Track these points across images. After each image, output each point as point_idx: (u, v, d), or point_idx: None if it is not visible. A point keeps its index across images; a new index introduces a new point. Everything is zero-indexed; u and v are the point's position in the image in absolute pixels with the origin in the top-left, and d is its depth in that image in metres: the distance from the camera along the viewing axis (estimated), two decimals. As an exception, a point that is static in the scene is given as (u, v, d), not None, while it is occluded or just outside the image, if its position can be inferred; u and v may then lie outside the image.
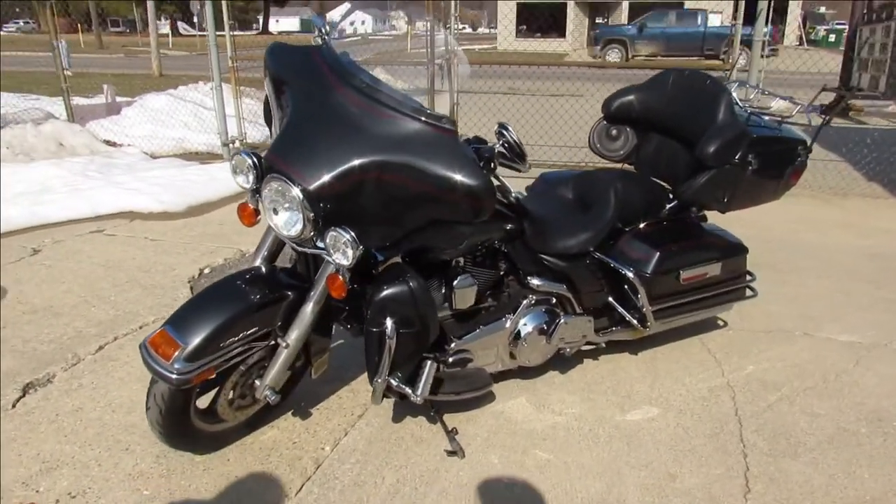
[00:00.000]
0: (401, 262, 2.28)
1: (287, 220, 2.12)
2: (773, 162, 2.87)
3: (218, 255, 4.44)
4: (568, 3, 31.05)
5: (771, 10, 5.66)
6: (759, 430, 2.63)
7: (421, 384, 2.31)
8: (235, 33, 7.32)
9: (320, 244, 2.12)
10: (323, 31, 2.36)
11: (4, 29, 53.74)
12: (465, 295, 2.50)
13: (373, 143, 2.05)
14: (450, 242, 2.29)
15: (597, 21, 32.37)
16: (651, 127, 3.15)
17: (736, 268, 3.03)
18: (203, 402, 2.39)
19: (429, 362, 2.33)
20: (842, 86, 9.81)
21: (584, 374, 3.02)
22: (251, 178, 2.21)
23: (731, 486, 2.32)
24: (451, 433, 2.53)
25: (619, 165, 3.29)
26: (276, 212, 2.14)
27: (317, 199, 2.04)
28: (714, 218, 3.16)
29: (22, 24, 56.45)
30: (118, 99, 9.57)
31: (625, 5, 30.55)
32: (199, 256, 4.44)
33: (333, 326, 2.55)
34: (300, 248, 2.24)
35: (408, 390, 2.31)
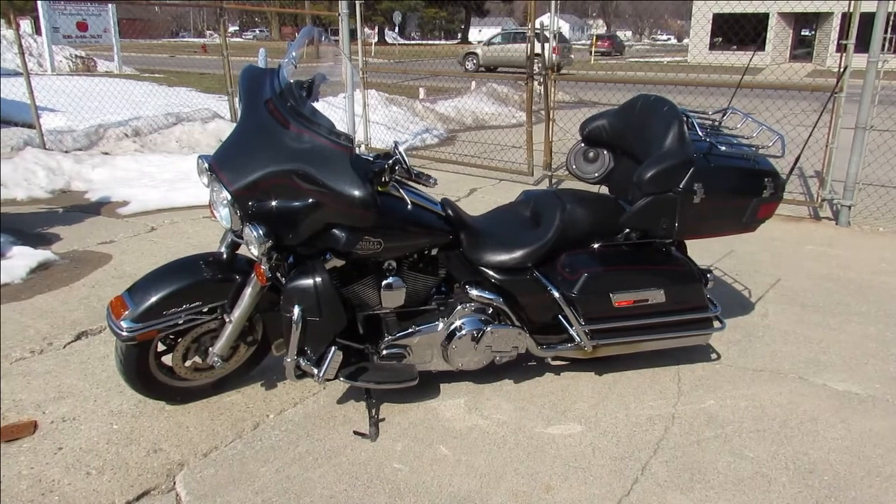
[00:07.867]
0: (315, 260, 2.60)
1: (225, 216, 2.55)
2: (727, 192, 2.78)
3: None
4: (770, 13, 28.83)
5: None
6: (669, 461, 2.60)
7: (325, 367, 2.61)
8: (439, 42, 8.06)
9: None
10: (291, 57, 2.75)
11: (243, 36, 61.23)
12: (393, 296, 2.76)
13: (284, 155, 2.42)
14: (349, 245, 2.55)
15: (803, 33, 29.80)
16: (622, 151, 3.16)
17: (686, 297, 2.94)
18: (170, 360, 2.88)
19: (333, 349, 2.62)
20: None
21: (535, 387, 3.12)
22: (206, 178, 2.66)
23: (597, 506, 2.36)
24: (373, 419, 2.80)
25: (596, 188, 3.32)
26: (217, 208, 2.58)
27: (243, 200, 2.45)
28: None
29: (258, 32, 64.07)
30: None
31: (837, 16, 27.60)
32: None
33: None
34: (238, 240, 2.66)
35: (313, 370, 2.63)
